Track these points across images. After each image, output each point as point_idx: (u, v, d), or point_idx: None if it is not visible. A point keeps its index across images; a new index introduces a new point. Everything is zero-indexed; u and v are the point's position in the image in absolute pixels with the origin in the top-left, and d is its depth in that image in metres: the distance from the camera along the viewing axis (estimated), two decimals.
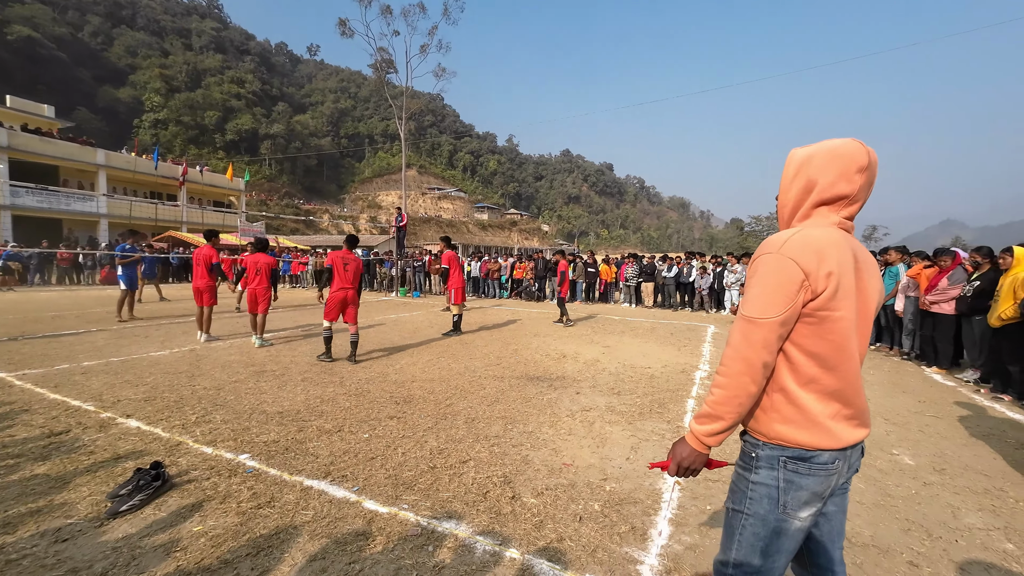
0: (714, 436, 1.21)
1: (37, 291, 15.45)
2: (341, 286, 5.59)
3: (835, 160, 1.17)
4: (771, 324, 1.11)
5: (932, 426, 4.01)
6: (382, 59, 26.00)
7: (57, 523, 2.29)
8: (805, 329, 1.13)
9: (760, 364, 1.13)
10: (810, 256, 1.10)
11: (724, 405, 1.17)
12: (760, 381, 1.15)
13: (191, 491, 2.61)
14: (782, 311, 1.10)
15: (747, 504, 1.23)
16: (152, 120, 70.06)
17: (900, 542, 2.29)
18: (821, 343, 1.13)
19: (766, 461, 1.20)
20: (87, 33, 75.99)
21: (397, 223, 16.64)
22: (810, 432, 1.15)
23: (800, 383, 1.16)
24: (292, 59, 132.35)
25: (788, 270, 1.11)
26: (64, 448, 3.13)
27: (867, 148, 1.16)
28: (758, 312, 1.13)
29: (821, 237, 1.14)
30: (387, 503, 2.51)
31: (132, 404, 4.05)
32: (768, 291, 1.12)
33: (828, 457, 1.16)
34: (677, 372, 5.59)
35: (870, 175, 1.17)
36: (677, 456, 1.28)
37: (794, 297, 1.10)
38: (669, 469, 1.31)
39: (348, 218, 68.80)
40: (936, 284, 6.04)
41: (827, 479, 1.17)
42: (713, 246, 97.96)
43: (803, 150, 1.26)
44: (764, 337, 1.12)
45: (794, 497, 1.18)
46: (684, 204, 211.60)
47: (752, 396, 1.16)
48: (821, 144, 1.23)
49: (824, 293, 1.10)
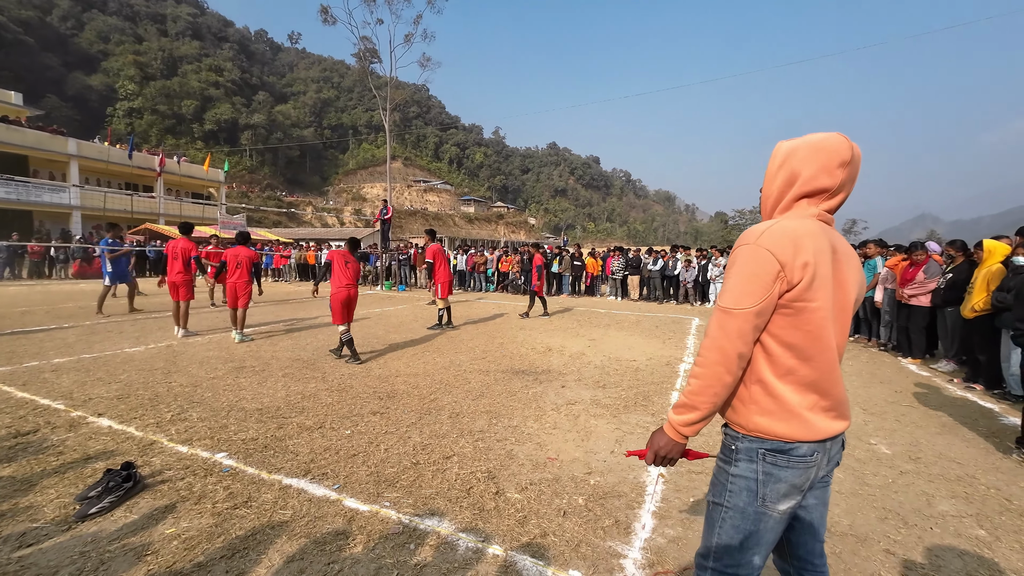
0: (690, 426, 1.22)
1: (6, 286, 14.89)
2: (344, 283, 5.46)
3: (818, 153, 1.18)
4: (746, 314, 1.12)
5: (907, 415, 4.10)
6: (365, 48, 25.51)
7: (21, 527, 2.20)
8: (781, 320, 1.14)
9: (735, 354, 1.14)
10: (786, 246, 1.11)
11: (699, 395, 1.18)
12: (735, 371, 1.16)
13: (164, 492, 2.53)
14: (757, 301, 1.11)
15: (726, 497, 1.24)
16: (126, 108, 67.65)
17: (877, 530, 2.34)
18: (797, 334, 1.13)
19: (745, 454, 1.21)
20: (56, 17, 72.80)
21: (382, 215, 16.41)
22: (788, 424, 1.16)
23: (777, 374, 1.16)
24: (273, 47, 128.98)
25: (764, 261, 1.12)
26: (31, 449, 3.01)
27: (851, 143, 1.17)
28: (733, 302, 1.14)
29: (798, 228, 1.14)
30: (368, 501, 2.47)
31: (104, 402, 3.91)
32: (744, 282, 1.14)
33: (807, 449, 1.16)
34: (662, 365, 5.63)
35: (852, 170, 1.18)
36: (654, 445, 1.29)
37: (769, 287, 1.11)
38: (646, 458, 1.31)
39: (332, 211, 67.74)
40: (912, 277, 6.17)
41: (806, 471, 1.18)
42: (698, 239, 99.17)
43: (788, 143, 1.26)
44: (739, 327, 1.13)
45: (773, 490, 1.18)
46: (670, 198, 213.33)
47: (727, 386, 1.17)
48: (806, 137, 1.23)
49: (800, 284, 1.10)
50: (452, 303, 8.34)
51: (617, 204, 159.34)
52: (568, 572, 1.96)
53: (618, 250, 14.15)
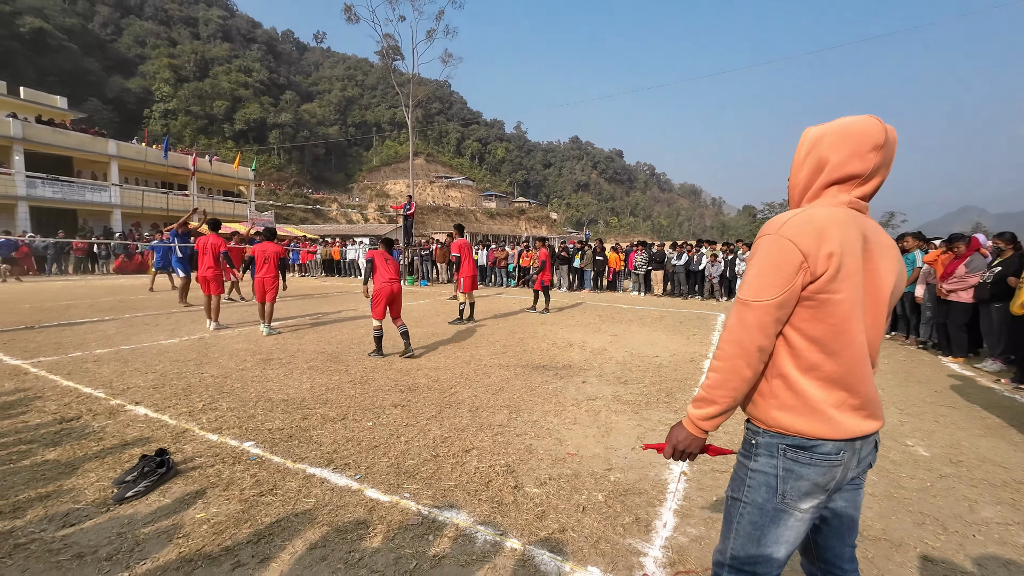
0: (709, 420, 1.18)
1: (53, 280, 15.74)
2: (389, 278, 5.39)
3: (848, 138, 1.12)
4: (766, 307, 1.08)
5: (948, 416, 3.90)
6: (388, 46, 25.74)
7: (65, 508, 2.32)
8: (805, 312, 1.09)
9: (755, 348, 1.10)
10: (809, 236, 1.06)
11: (718, 389, 1.15)
12: (755, 365, 1.12)
13: (195, 478, 2.62)
14: (778, 293, 1.07)
15: (745, 492, 1.20)
16: (162, 110, 70.41)
17: (913, 535, 2.23)
18: (821, 327, 1.08)
19: (765, 448, 1.17)
20: (96, 23, 76.18)
21: (405, 211, 16.59)
22: (809, 420, 1.11)
23: (800, 369, 1.11)
24: (299, 47, 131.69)
25: (785, 251, 1.07)
26: (74, 434, 3.17)
27: (884, 125, 1.10)
28: (753, 294, 1.09)
29: (824, 216, 1.09)
30: (389, 492, 2.51)
31: (141, 391, 4.09)
32: (764, 273, 1.09)
33: (832, 447, 1.11)
34: (685, 361, 5.52)
35: (887, 153, 1.11)
36: (673, 439, 1.26)
37: (791, 279, 1.06)
38: (664, 451, 1.29)
39: (357, 207, 68.95)
40: (952, 271, 5.86)
41: (831, 471, 1.12)
42: (725, 233, 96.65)
43: (816, 128, 1.20)
44: (759, 320, 1.08)
45: (793, 487, 1.13)
46: (695, 191, 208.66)
47: (747, 380, 1.13)
48: (835, 122, 1.17)
49: (824, 275, 1.05)
50: (475, 298, 8.36)
51: (641, 198, 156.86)
52: (587, 568, 1.94)
53: (641, 245, 13.92)
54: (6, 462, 2.75)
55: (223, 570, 1.89)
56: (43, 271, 18.15)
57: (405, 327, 5.53)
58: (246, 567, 1.91)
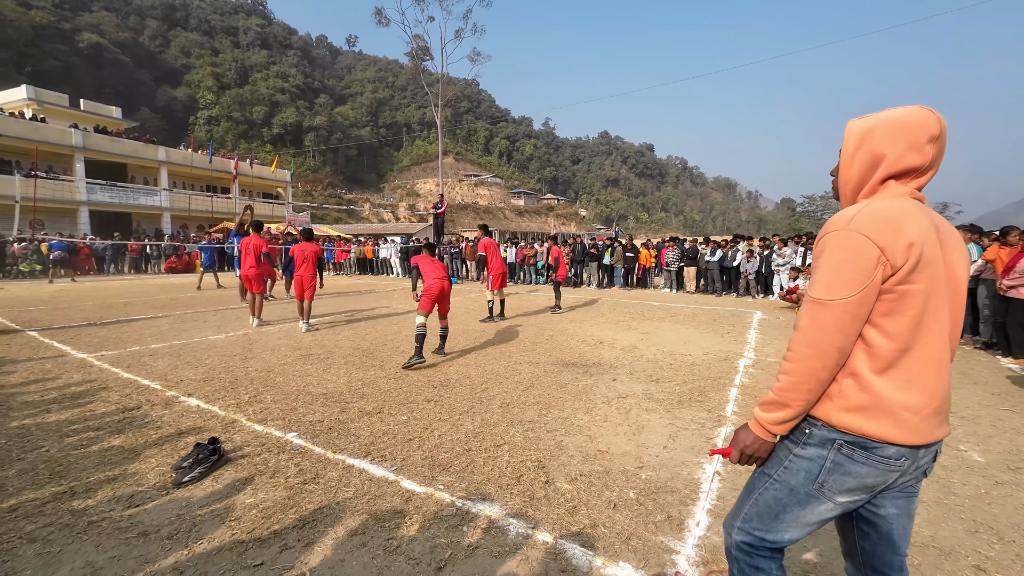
0: (780, 424, 1.14)
1: (111, 280, 16.87)
2: (437, 276, 5.24)
3: (903, 131, 1.08)
4: (844, 304, 1.03)
5: (1007, 421, 3.67)
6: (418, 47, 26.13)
7: (130, 490, 2.51)
8: (882, 306, 1.04)
9: (833, 348, 1.05)
10: (883, 228, 1.02)
11: (791, 392, 1.10)
12: (832, 368, 1.07)
13: (244, 466, 2.79)
14: (856, 290, 1.02)
15: (779, 471, 1.18)
16: (206, 117, 74.10)
17: (965, 544, 2.13)
18: (900, 320, 1.03)
19: (819, 440, 1.13)
20: (146, 36, 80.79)
21: (436, 209, 16.84)
22: (881, 423, 1.05)
23: (876, 368, 1.06)
24: (332, 51, 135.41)
25: (860, 246, 1.03)
26: (135, 423, 3.42)
27: (937, 115, 1.08)
28: (827, 293, 1.05)
29: (895, 207, 1.05)
30: (424, 483, 2.59)
31: (192, 384, 4.36)
32: (838, 269, 1.05)
33: (895, 452, 1.06)
34: (719, 360, 5.40)
35: (941, 143, 1.08)
36: (740, 443, 1.22)
37: (869, 274, 1.02)
38: (731, 456, 1.24)
39: (388, 206, 70.47)
40: (1014, 265, 5.48)
41: (885, 473, 1.08)
42: (762, 228, 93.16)
43: (861, 121, 1.17)
44: (837, 318, 1.04)
45: (837, 480, 1.10)
46: (730, 185, 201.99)
47: (823, 383, 1.09)
48: (883, 114, 1.14)
49: (905, 266, 1.01)
50: (504, 295, 8.42)
51: (672, 193, 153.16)
52: (618, 563, 1.96)
53: (673, 240, 13.63)
54: (78, 447, 3.01)
55: (272, 552, 2.01)
56: (102, 271, 19.48)
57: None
58: (292, 550, 2.03)
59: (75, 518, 2.26)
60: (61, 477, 2.64)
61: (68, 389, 4.17)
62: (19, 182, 17.92)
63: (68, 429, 3.29)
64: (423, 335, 4.96)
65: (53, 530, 2.16)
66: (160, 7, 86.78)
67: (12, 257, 16.86)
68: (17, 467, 2.75)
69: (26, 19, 56.64)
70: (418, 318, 4.99)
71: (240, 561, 1.96)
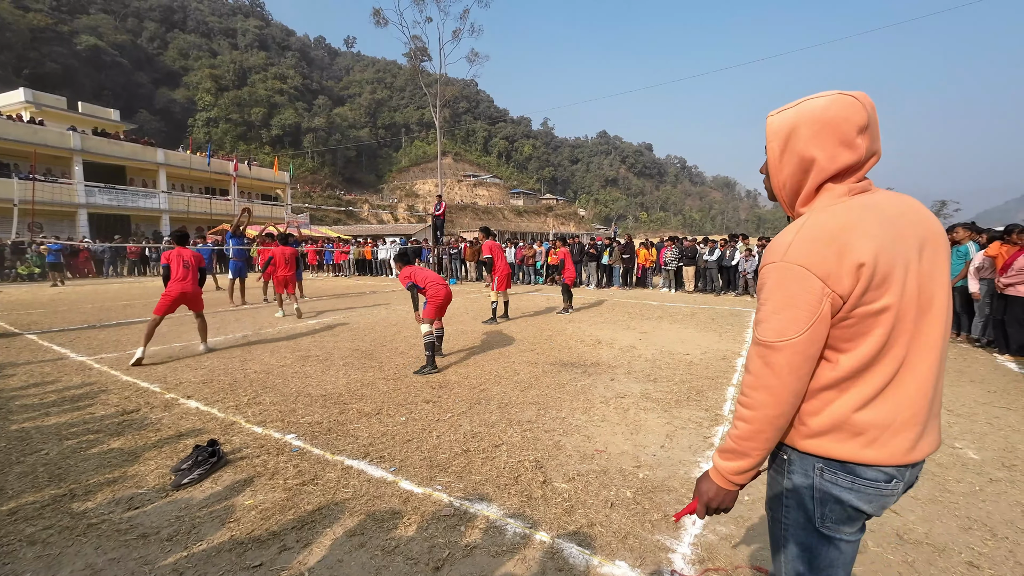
0: (741, 474, 1.05)
1: (110, 282, 16.87)
2: (439, 282, 5.00)
3: (828, 128, 0.96)
4: (794, 344, 0.94)
5: (1002, 418, 3.69)
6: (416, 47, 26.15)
7: (130, 492, 2.53)
8: (842, 333, 0.96)
9: (788, 394, 0.97)
10: (824, 254, 0.92)
11: (749, 441, 1.01)
12: (790, 412, 0.99)
13: (243, 467, 2.80)
14: (803, 328, 0.93)
15: (784, 512, 1.09)
16: (204, 119, 73.99)
17: (959, 540, 2.15)
18: (867, 341, 0.94)
19: (799, 466, 1.04)
20: (144, 38, 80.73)
21: (435, 210, 16.87)
22: (846, 446, 0.98)
23: (837, 388, 0.98)
24: (330, 52, 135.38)
25: (799, 279, 0.93)
26: (135, 425, 3.43)
27: (861, 100, 0.96)
28: (774, 335, 0.95)
29: (835, 221, 0.94)
30: (422, 484, 2.60)
31: (192, 386, 4.37)
32: (781, 308, 0.95)
33: (877, 475, 0.97)
34: (717, 359, 5.41)
35: (874, 129, 0.97)
36: (704, 495, 1.11)
37: (816, 309, 0.92)
38: (697, 511, 1.14)
39: (387, 207, 70.48)
40: (1012, 263, 5.49)
41: (877, 498, 0.99)
42: (761, 227, 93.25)
43: (780, 116, 1.04)
44: (788, 361, 0.95)
45: (832, 510, 1.01)
46: (729, 184, 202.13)
47: (781, 429, 1.01)
48: (803, 106, 1.00)
49: (855, 290, 0.91)
50: (508, 296, 8.43)
51: (671, 192, 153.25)
52: (615, 562, 1.97)
53: (672, 240, 13.65)
54: (77, 450, 3.02)
55: (271, 553, 2.03)
56: (101, 273, 19.48)
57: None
58: (291, 551, 2.04)
59: (75, 520, 2.27)
60: (61, 480, 2.65)
61: (67, 392, 4.18)
62: (17, 185, 17.92)
63: (67, 432, 3.30)
64: (432, 343, 4.80)
65: (53, 532, 2.18)
66: (158, 9, 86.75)
67: (11, 260, 16.87)
68: (17, 470, 2.76)
69: (24, 22, 56.62)
70: (423, 326, 4.82)
71: (239, 562, 1.97)
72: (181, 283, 5.52)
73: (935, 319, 0.98)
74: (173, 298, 5.47)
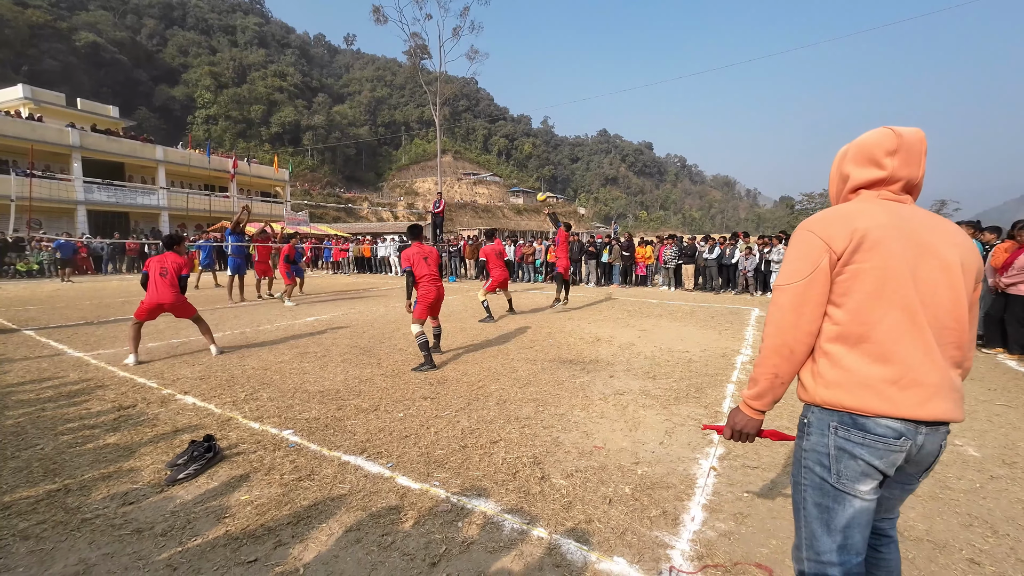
0: (756, 399, 1.29)
1: (109, 279, 16.82)
2: (432, 277, 4.97)
3: (861, 151, 1.27)
4: (795, 287, 1.20)
5: (1003, 416, 3.68)
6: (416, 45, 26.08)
7: (125, 487, 2.51)
8: (839, 287, 1.18)
9: (789, 325, 1.21)
10: (830, 223, 1.20)
11: (760, 367, 1.27)
12: (791, 343, 1.21)
13: (239, 463, 2.78)
14: (805, 274, 1.19)
15: (803, 473, 1.24)
16: (204, 116, 73.74)
17: (959, 537, 2.13)
18: (857, 297, 1.15)
19: (816, 427, 1.21)
20: (144, 35, 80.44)
21: (435, 209, 16.84)
22: (858, 394, 1.13)
23: (846, 344, 1.17)
24: (330, 50, 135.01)
25: (808, 239, 1.22)
26: (131, 421, 3.41)
27: (897, 132, 1.22)
28: (783, 279, 1.24)
29: (849, 207, 1.23)
30: (419, 480, 2.59)
31: (189, 382, 4.35)
32: (792, 260, 1.24)
33: (885, 430, 1.11)
34: (717, 356, 5.40)
35: (905, 154, 1.21)
36: (731, 421, 1.38)
37: (816, 261, 1.18)
38: (723, 432, 1.41)
39: (386, 205, 70.32)
40: (1012, 262, 5.48)
41: (887, 453, 1.12)
42: (760, 226, 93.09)
43: (845, 147, 1.36)
44: (791, 300, 1.21)
45: (848, 467, 1.15)
46: (729, 183, 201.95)
47: (786, 358, 1.22)
48: (857, 139, 1.32)
49: (848, 248, 1.15)
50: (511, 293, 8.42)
51: (671, 191, 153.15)
52: (613, 558, 1.96)
53: (672, 238, 13.63)
54: (73, 445, 3.00)
55: (266, 548, 2.01)
56: (100, 270, 19.43)
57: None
58: (287, 546, 2.02)
59: (69, 515, 2.25)
60: (55, 475, 2.63)
61: (64, 388, 4.16)
62: (15, 181, 17.86)
63: (63, 427, 3.28)
64: (425, 342, 4.75)
65: (47, 527, 2.16)
66: (157, 6, 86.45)
67: (10, 256, 16.83)
68: (12, 465, 2.74)
69: (23, 18, 56.38)
70: (414, 327, 4.77)
71: (234, 557, 1.95)
72: (156, 292, 5.16)
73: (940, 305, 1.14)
74: (149, 307, 5.15)
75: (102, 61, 63.71)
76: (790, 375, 1.25)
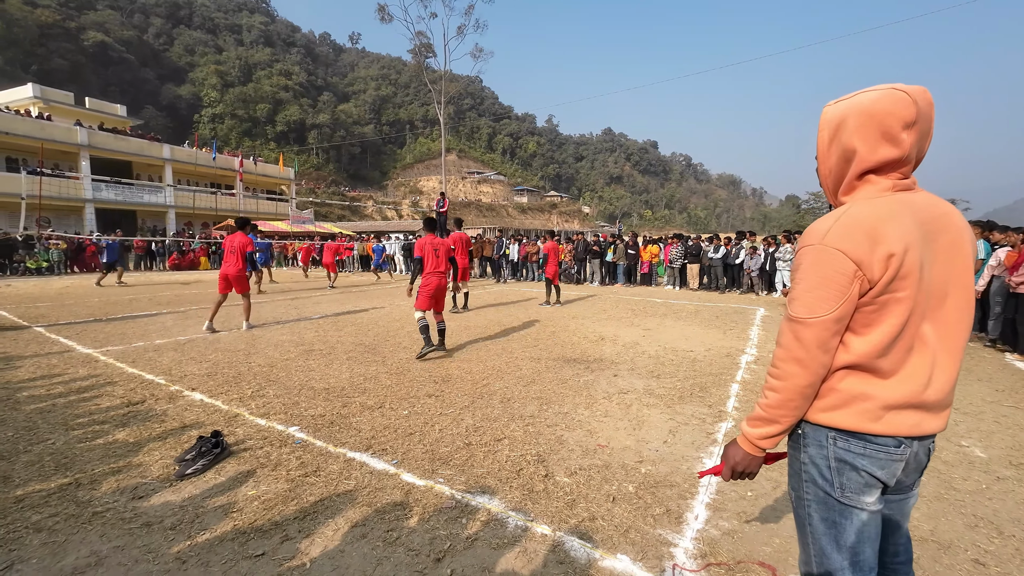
0: (769, 439, 1.13)
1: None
2: (436, 270, 5.19)
3: (873, 120, 1.00)
4: (823, 322, 1.01)
5: (1010, 417, 3.65)
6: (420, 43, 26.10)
7: (134, 482, 2.54)
8: (863, 318, 1.02)
9: (817, 365, 1.04)
10: (860, 241, 0.98)
11: (779, 408, 1.09)
12: (817, 383, 1.06)
13: (246, 459, 2.81)
14: (834, 307, 1.00)
15: (804, 487, 1.13)
16: (210, 115, 74.17)
17: (964, 538, 2.13)
18: (882, 329, 1.00)
19: (813, 437, 1.11)
20: (151, 34, 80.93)
21: (438, 207, 16.86)
22: (855, 419, 1.04)
23: (853, 370, 1.05)
24: (335, 49, 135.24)
25: (835, 263, 0.99)
26: (140, 416, 3.46)
27: (913, 96, 0.98)
28: (806, 311, 1.02)
29: (871, 213, 1.00)
30: (424, 476, 2.61)
31: (196, 379, 4.39)
32: (815, 288, 1.02)
33: (884, 440, 1.03)
34: (721, 356, 5.39)
35: (923, 126, 0.99)
36: (730, 460, 1.20)
37: (846, 290, 0.99)
38: (723, 474, 1.23)
39: (391, 204, 70.48)
40: (1022, 263, 5.43)
41: (888, 463, 1.04)
42: (766, 225, 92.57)
43: (835, 107, 1.08)
44: (817, 337, 1.02)
45: (849, 478, 1.06)
46: (735, 181, 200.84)
47: (809, 398, 1.08)
48: (856, 98, 1.04)
49: (883, 278, 0.97)
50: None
51: (676, 190, 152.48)
52: (616, 556, 1.97)
53: (677, 237, 13.59)
54: (83, 440, 3.04)
55: (273, 543, 2.04)
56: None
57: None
58: (293, 541, 2.05)
59: (80, 509, 2.29)
60: (67, 469, 2.67)
61: (74, 384, 4.22)
62: (25, 180, 18.06)
63: (74, 422, 3.33)
64: (426, 325, 5.08)
65: (59, 520, 2.19)
66: (164, 5, 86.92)
67: (20, 255, 17.02)
68: (24, 459, 2.79)
69: (32, 18, 56.87)
70: (416, 313, 5.16)
71: (242, 551, 1.98)
72: (224, 264, 6.45)
73: (948, 314, 1.04)
74: (222, 277, 6.43)
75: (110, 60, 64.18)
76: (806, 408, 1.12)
